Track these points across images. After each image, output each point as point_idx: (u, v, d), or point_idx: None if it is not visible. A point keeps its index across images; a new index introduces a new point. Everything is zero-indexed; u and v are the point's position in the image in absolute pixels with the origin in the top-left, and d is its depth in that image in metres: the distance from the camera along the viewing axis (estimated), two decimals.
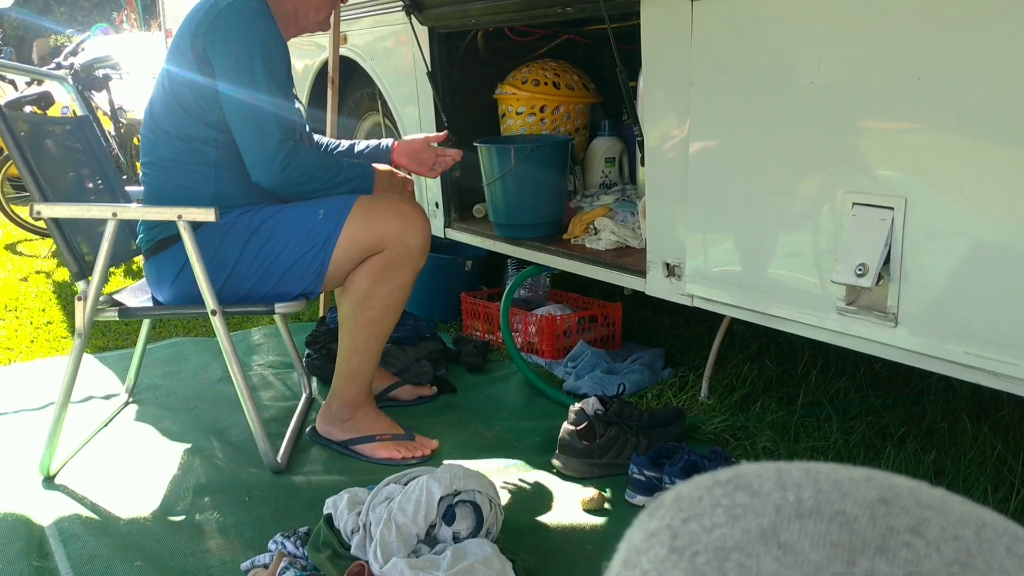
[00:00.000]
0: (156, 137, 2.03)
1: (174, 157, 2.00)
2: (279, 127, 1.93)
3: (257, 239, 2.00)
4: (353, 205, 2.00)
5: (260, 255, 1.99)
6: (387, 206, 2.02)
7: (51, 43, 14.94)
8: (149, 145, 2.05)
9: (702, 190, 1.88)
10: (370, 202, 2.03)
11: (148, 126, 2.06)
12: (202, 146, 1.98)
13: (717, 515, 0.29)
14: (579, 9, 2.18)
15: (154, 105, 2.04)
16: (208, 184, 2.01)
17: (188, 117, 1.97)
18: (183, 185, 2.01)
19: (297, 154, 1.96)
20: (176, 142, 1.99)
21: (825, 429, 2.12)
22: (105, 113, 5.07)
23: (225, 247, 1.99)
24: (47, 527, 1.81)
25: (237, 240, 1.99)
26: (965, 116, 1.38)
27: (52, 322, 3.45)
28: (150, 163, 2.05)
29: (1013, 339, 1.37)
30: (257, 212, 2.02)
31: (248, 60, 1.91)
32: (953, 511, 0.30)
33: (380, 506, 1.55)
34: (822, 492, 0.29)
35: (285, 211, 2.02)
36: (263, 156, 1.93)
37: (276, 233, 2.00)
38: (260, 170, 1.96)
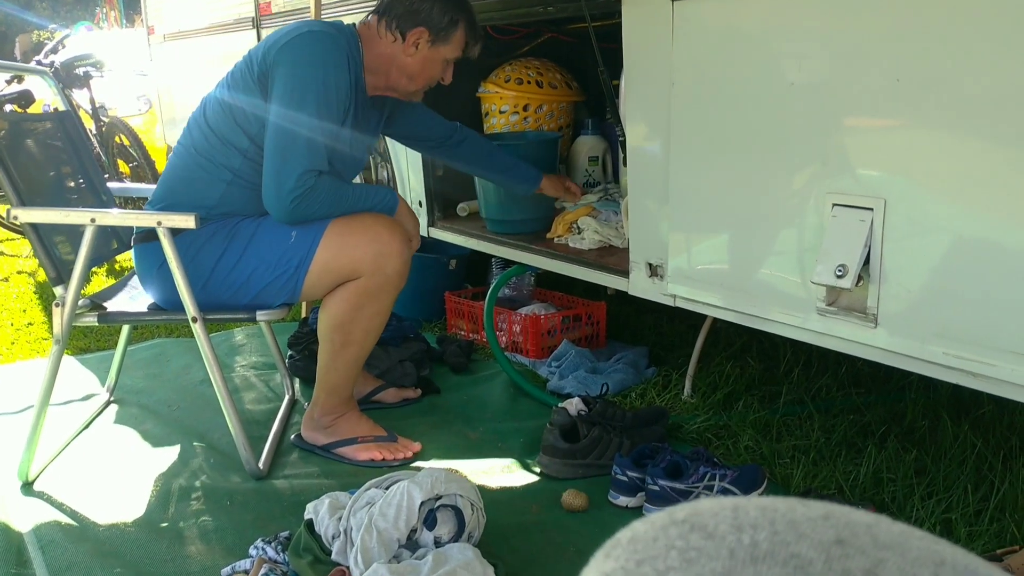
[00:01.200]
0: (198, 124, 2.02)
1: (204, 149, 1.99)
2: (306, 159, 1.88)
3: (230, 256, 1.97)
4: (326, 229, 1.95)
5: (232, 273, 1.97)
6: (362, 231, 1.97)
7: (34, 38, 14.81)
8: (189, 128, 2.05)
9: (684, 190, 1.88)
10: (345, 226, 1.97)
11: (197, 112, 2.06)
12: (232, 150, 1.97)
13: (671, 558, 0.29)
14: (560, 8, 2.18)
15: (212, 94, 2.03)
16: (218, 187, 1.99)
17: (232, 120, 1.96)
18: (198, 177, 1.99)
19: (312, 194, 1.90)
20: (212, 137, 1.98)
21: (807, 428, 2.13)
22: (86, 111, 5.03)
23: (201, 258, 1.97)
24: (25, 534, 1.80)
25: (212, 253, 1.97)
26: (943, 118, 1.38)
27: (33, 323, 3.42)
28: (183, 145, 2.05)
29: (991, 340, 1.37)
30: (234, 227, 1.99)
31: (302, 89, 1.88)
32: (912, 550, 0.29)
33: (361, 511, 1.54)
34: (777, 534, 0.29)
35: (259, 230, 1.98)
36: (279, 186, 1.89)
37: (248, 253, 1.97)
38: (271, 198, 1.92)
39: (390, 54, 2.03)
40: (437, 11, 2.01)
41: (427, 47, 2.03)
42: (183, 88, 5.12)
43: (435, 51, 2.04)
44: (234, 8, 4.21)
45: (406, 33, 2.01)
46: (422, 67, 2.05)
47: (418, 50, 2.03)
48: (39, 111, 5.14)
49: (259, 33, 4.02)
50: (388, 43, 2.03)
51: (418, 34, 2.01)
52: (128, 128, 5.08)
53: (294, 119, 1.88)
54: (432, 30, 2.01)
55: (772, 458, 2.00)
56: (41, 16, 17.16)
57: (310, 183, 1.89)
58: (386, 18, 2.02)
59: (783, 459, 2.00)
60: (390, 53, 2.03)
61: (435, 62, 2.06)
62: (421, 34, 2.01)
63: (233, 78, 1.99)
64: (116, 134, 5.04)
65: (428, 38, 2.02)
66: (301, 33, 1.92)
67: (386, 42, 2.03)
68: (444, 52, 2.06)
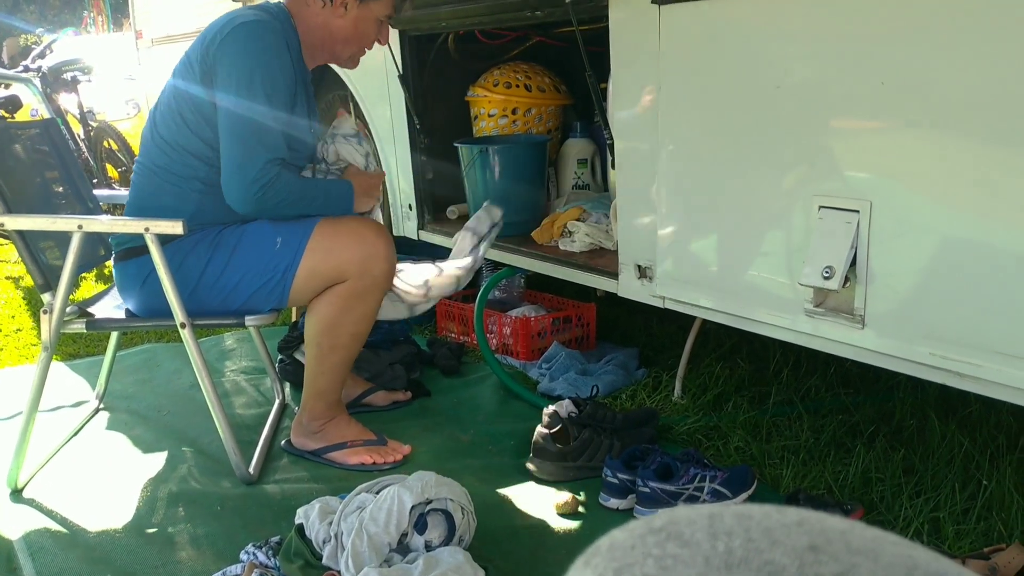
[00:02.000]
0: (153, 140, 2.00)
1: (165, 165, 1.98)
2: (265, 149, 1.88)
3: (215, 266, 1.96)
4: (311, 233, 1.95)
5: (219, 282, 1.97)
6: (348, 233, 1.97)
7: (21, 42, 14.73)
8: (145, 146, 2.03)
9: (672, 193, 1.89)
10: (330, 229, 1.97)
11: (148, 128, 2.04)
12: (193, 160, 1.96)
13: (648, 566, 0.29)
14: (548, 12, 2.18)
15: (157, 109, 2.02)
16: (191, 199, 1.97)
17: (186, 128, 1.95)
18: (168, 193, 1.97)
19: (278, 182, 1.90)
20: (170, 150, 1.97)
21: (796, 428, 2.14)
22: (74, 116, 5.02)
23: (186, 268, 1.96)
24: (15, 541, 1.79)
25: (197, 263, 1.97)
26: (928, 121, 1.39)
27: (22, 329, 3.41)
28: (143, 164, 2.03)
29: (976, 340, 1.39)
30: (217, 237, 1.98)
31: (248, 79, 1.87)
32: (884, 555, 0.30)
33: (352, 516, 1.54)
34: (752, 541, 0.30)
35: (243, 238, 1.97)
36: (242, 179, 1.88)
37: (233, 262, 1.96)
38: (234, 190, 1.90)
39: (322, 22, 2.04)
40: None
41: (356, 5, 2.03)
42: None
43: (365, 9, 2.05)
44: (222, 11, 4.20)
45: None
46: (355, 27, 2.06)
47: (347, 11, 2.03)
48: (27, 116, 5.13)
49: None
50: (318, 10, 2.02)
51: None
52: (116, 133, 5.07)
53: (247, 109, 1.87)
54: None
55: (762, 459, 2.01)
56: (28, 21, 17.09)
57: (274, 172, 1.89)
58: None
59: (773, 459, 2.00)
60: (322, 21, 2.03)
61: (368, 21, 2.07)
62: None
63: (176, 86, 1.97)
64: (104, 139, 5.03)
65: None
66: (235, 26, 1.91)
67: (315, 10, 2.03)
68: (375, 10, 2.06)
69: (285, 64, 1.93)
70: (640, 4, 1.84)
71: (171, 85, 2.00)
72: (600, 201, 2.56)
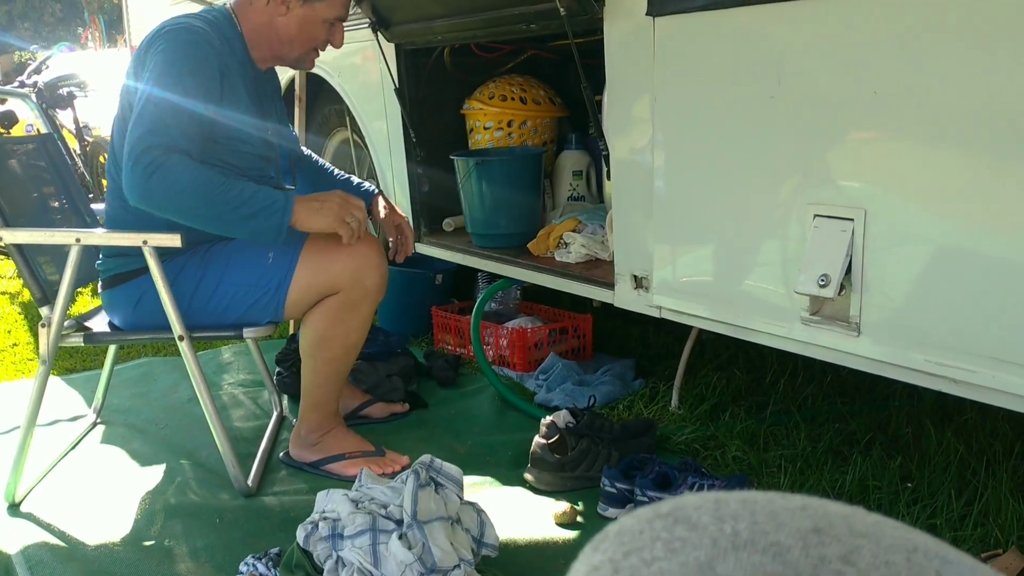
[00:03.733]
0: (117, 168, 1.93)
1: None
2: (154, 134, 1.76)
3: (208, 284, 1.97)
4: (303, 247, 1.95)
5: (212, 300, 1.97)
6: (338, 245, 1.94)
7: (15, 59, 14.76)
8: (111, 175, 2.01)
9: (667, 203, 1.90)
10: (323, 242, 1.96)
11: (110, 159, 2.02)
12: None
13: (657, 549, 0.30)
14: (543, 26, 2.20)
15: (113, 136, 2.00)
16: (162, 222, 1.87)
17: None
18: (141, 217, 1.90)
19: (166, 164, 1.75)
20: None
21: (793, 437, 2.15)
22: (70, 131, 5.03)
23: (176, 288, 1.94)
24: (13, 555, 1.79)
25: (188, 283, 1.97)
26: (921, 130, 1.41)
27: (18, 344, 3.41)
28: (113, 193, 2.01)
29: (971, 347, 1.40)
30: (205, 256, 1.97)
31: (158, 74, 1.82)
32: (885, 537, 0.31)
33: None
34: (757, 524, 0.30)
35: (234, 256, 1.96)
36: (128, 162, 1.76)
37: (226, 278, 1.96)
38: (125, 179, 1.78)
39: (266, 21, 2.00)
40: None
41: (299, 5, 1.98)
42: None
43: (310, 9, 1.99)
44: None
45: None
46: (300, 28, 2.01)
47: (290, 9, 1.98)
48: (22, 131, 5.13)
49: None
50: (261, 7, 1.99)
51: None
52: None
53: (149, 99, 1.81)
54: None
55: (760, 468, 2.02)
56: (23, 38, 17.13)
57: (156, 156, 1.75)
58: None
59: (770, 468, 2.01)
60: (265, 20, 2.00)
61: (313, 23, 2.01)
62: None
63: (122, 109, 1.94)
64: (100, 153, 5.04)
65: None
66: (160, 33, 1.89)
67: (258, 8, 1.99)
68: (320, 11, 2.00)
69: (206, 64, 1.87)
70: (634, 16, 1.86)
71: (119, 111, 1.97)
72: (595, 212, 2.57)
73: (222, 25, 1.97)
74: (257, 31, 2.02)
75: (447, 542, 1.52)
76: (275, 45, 2.04)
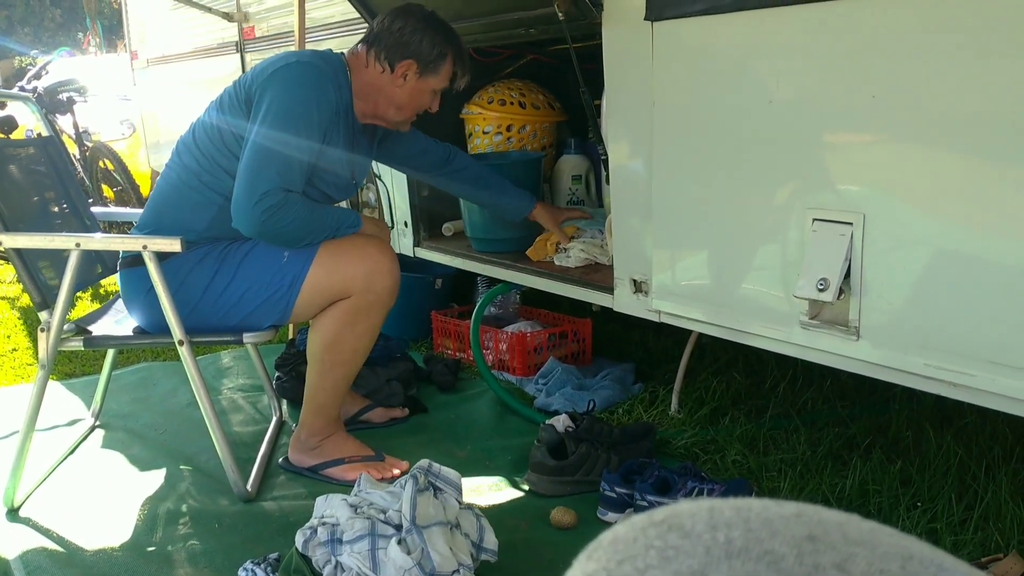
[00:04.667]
0: (189, 145, 2.02)
1: (195, 170, 2.00)
2: (279, 176, 1.87)
3: (221, 279, 1.98)
4: (318, 248, 1.97)
5: (224, 296, 1.98)
6: (353, 249, 1.99)
7: (15, 64, 14.79)
8: (180, 149, 2.05)
9: (666, 207, 1.90)
10: (336, 246, 1.99)
11: (188, 133, 2.06)
12: (222, 174, 1.97)
13: (650, 557, 0.30)
14: (542, 30, 2.21)
15: (201, 119, 2.04)
16: (209, 210, 1.99)
17: (221, 144, 1.97)
18: (188, 200, 2.00)
19: (284, 206, 1.88)
20: (202, 158, 1.99)
21: (793, 441, 2.14)
22: (70, 136, 5.02)
23: (190, 282, 1.98)
24: (12, 560, 1.79)
25: (202, 277, 1.98)
26: (919, 133, 1.41)
27: (17, 349, 3.41)
28: (172, 167, 2.05)
29: (970, 350, 1.40)
30: (224, 250, 2.00)
31: (284, 113, 1.89)
32: (880, 545, 0.31)
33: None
34: (751, 531, 0.30)
35: (252, 252, 1.99)
36: (248, 199, 1.87)
37: (240, 275, 1.97)
38: (241, 211, 1.89)
39: (378, 84, 2.05)
40: (427, 44, 2.02)
41: (415, 79, 2.04)
42: (167, 112, 5.13)
43: (423, 82, 2.06)
44: (217, 33, 4.24)
45: (395, 65, 2.02)
46: (410, 98, 2.07)
47: (406, 81, 2.04)
48: (22, 136, 5.13)
49: (243, 57, 4.04)
50: (376, 73, 2.04)
51: (407, 66, 2.02)
52: (112, 153, 5.08)
53: (272, 138, 1.88)
54: (421, 62, 2.03)
55: (759, 472, 2.01)
56: (23, 43, 17.15)
57: (279, 199, 1.87)
58: (375, 48, 2.03)
59: (770, 472, 2.01)
60: (378, 83, 2.05)
61: (423, 93, 2.08)
62: (410, 66, 2.02)
63: (222, 103, 2.01)
64: (100, 159, 5.04)
65: (416, 70, 2.03)
66: (289, 63, 1.94)
67: (374, 72, 2.04)
68: (432, 83, 2.07)
69: (324, 109, 1.94)
70: (633, 21, 1.86)
71: (217, 102, 2.03)
72: (594, 219, 2.57)
73: (338, 72, 2.01)
74: (366, 89, 2.07)
75: (446, 547, 1.52)
76: (381, 107, 2.09)
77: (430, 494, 1.61)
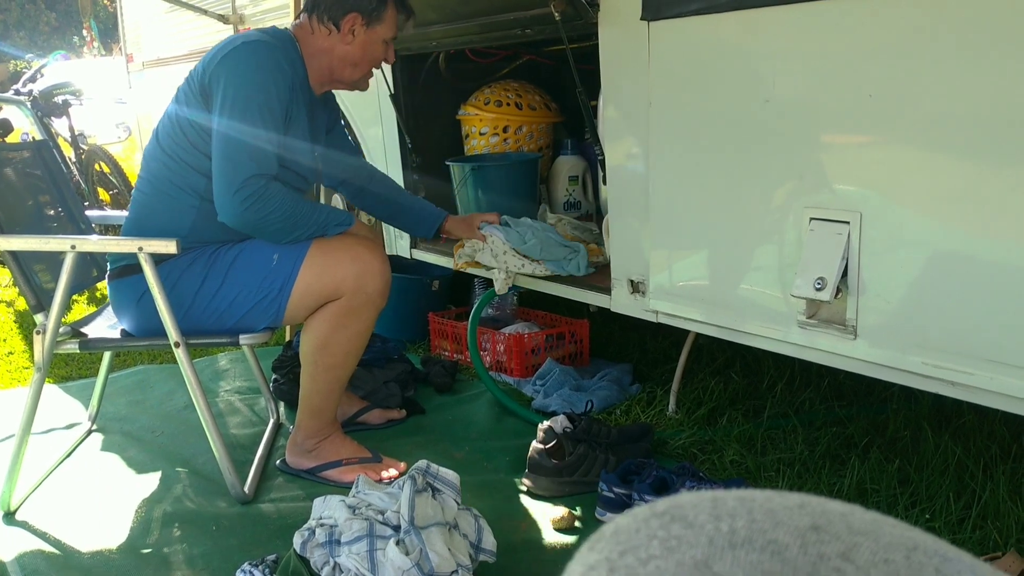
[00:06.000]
0: (154, 154, 2.02)
1: (166, 176, 1.99)
2: (254, 163, 1.88)
3: (211, 283, 1.97)
4: (308, 250, 1.96)
5: (215, 299, 1.97)
6: (343, 250, 1.98)
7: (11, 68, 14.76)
8: (147, 158, 2.05)
9: (663, 207, 1.90)
10: (326, 247, 1.98)
11: (152, 140, 2.05)
12: (193, 173, 1.97)
13: (653, 547, 0.30)
14: (538, 31, 2.20)
15: (161, 122, 2.04)
16: (188, 214, 1.98)
17: (186, 141, 1.96)
18: (165, 207, 1.99)
19: (265, 194, 1.89)
20: (170, 162, 1.98)
21: (791, 441, 2.14)
22: (65, 139, 5.02)
23: (181, 286, 1.97)
24: (8, 563, 1.78)
25: (192, 281, 1.97)
26: (916, 133, 1.41)
27: (13, 352, 3.40)
28: (144, 177, 2.04)
29: (968, 349, 1.40)
30: (213, 254, 1.99)
31: (244, 97, 1.89)
32: (884, 535, 0.31)
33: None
34: (755, 522, 0.30)
35: (240, 255, 1.98)
36: (228, 189, 1.87)
37: (230, 278, 1.97)
38: (223, 203, 1.90)
39: (328, 47, 2.06)
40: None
41: (363, 31, 2.07)
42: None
43: (372, 32, 2.08)
44: (213, 35, 4.23)
45: (339, 22, 2.04)
46: (363, 52, 2.09)
47: (355, 36, 2.06)
48: (17, 140, 5.13)
49: None
50: (324, 36, 2.05)
51: (352, 20, 2.05)
52: (108, 155, 5.07)
53: (238, 127, 1.88)
54: (364, 13, 2.05)
55: (757, 472, 2.01)
56: (18, 46, 17.12)
57: (259, 186, 1.88)
58: (316, 13, 2.05)
59: (768, 472, 2.01)
60: (328, 46, 2.06)
61: (374, 44, 2.09)
62: (355, 19, 2.05)
63: (178, 100, 2.00)
64: (96, 162, 5.03)
65: (362, 22, 2.06)
66: (236, 46, 1.93)
67: (321, 36, 2.05)
68: (380, 32, 2.09)
69: (281, 85, 1.94)
70: (629, 21, 1.86)
71: (174, 100, 2.02)
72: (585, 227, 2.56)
73: (287, 47, 2.02)
74: (318, 57, 2.07)
75: (445, 548, 1.51)
76: (337, 69, 2.10)
77: (428, 495, 1.61)
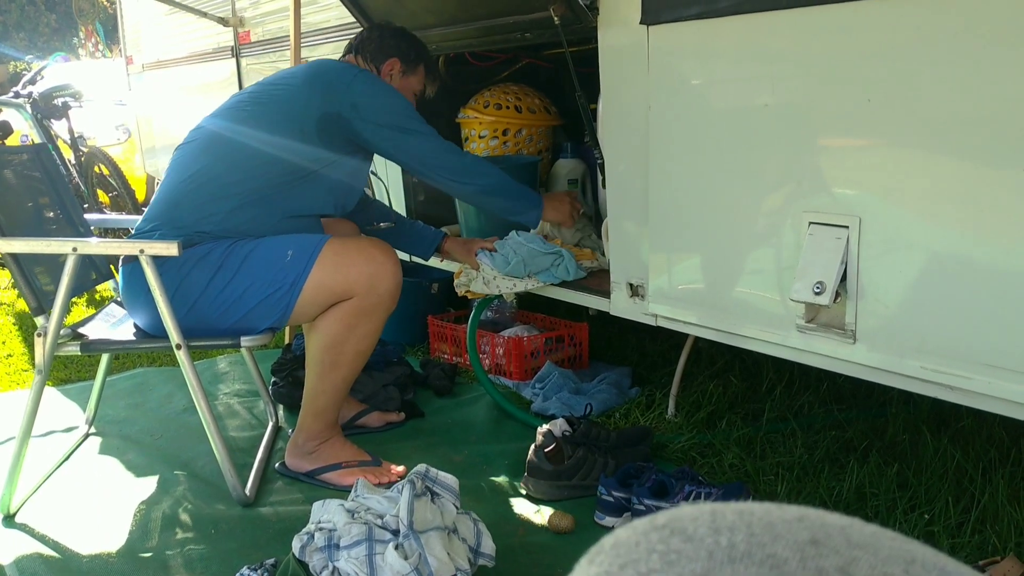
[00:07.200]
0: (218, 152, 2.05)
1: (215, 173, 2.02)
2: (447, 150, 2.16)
3: (223, 275, 1.97)
4: (322, 248, 1.97)
5: (224, 292, 1.97)
6: (357, 251, 2.00)
7: (11, 69, 14.74)
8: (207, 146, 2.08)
9: (663, 211, 1.90)
10: (340, 245, 2.00)
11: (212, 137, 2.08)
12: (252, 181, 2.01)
13: (652, 561, 0.30)
14: (538, 35, 2.21)
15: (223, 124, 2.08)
16: (229, 202, 2.01)
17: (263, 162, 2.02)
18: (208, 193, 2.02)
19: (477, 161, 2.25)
20: (233, 168, 2.02)
21: (790, 444, 2.14)
22: (65, 142, 5.02)
23: (191, 278, 1.97)
24: (7, 566, 1.78)
25: (204, 273, 1.97)
26: (914, 137, 1.41)
27: (13, 355, 3.40)
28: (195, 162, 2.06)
29: (966, 353, 1.40)
30: (229, 248, 1.99)
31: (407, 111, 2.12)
32: (883, 548, 0.31)
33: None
34: (754, 535, 0.30)
35: (256, 249, 1.98)
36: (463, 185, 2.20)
37: (242, 271, 1.97)
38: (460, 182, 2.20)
39: None
40: (404, 46, 2.26)
41: (399, 77, 2.26)
42: (162, 117, 5.13)
43: (406, 80, 2.27)
44: (213, 38, 4.24)
45: (380, 65, 2.24)
46: None
47: (391, 80, 2.24)
48: (17, 142, 5.13)
49: (238, 62, 4.04)
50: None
51: (391, 64, 2.24)
52: (107, 158, 5.07)
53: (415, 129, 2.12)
54: (403, 60, 2.25)
55: (756, 475, 2.01)
56: (18, 48, 17.11)
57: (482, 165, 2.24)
58: (361, 54, 2.25)
59: (767, 476, 2.01)
60: None
61: (407, 91, 2.27)
62: (394, 64, 2.25)
63: (268, 113, 2.05)
64: (95, 164, 5.03)
65: (400, 68, 2.26)
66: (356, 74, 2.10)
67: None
68: (413, 83, 2.29)
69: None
70: (629, 25, 1.86)
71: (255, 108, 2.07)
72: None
73: None
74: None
75: (443, 552, 1.51)
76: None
77: (427, 499, 1.61)
